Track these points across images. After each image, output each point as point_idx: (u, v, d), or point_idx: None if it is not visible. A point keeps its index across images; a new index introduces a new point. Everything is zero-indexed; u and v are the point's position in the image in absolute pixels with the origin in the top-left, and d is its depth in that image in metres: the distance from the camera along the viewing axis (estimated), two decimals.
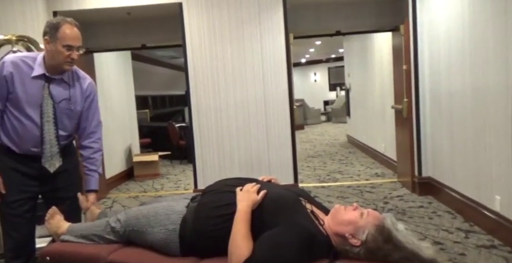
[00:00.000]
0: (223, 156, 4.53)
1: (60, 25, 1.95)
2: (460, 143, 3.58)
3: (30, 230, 2.15)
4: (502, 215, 2.95)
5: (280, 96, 4.46)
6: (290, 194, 1.66)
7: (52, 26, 1.96)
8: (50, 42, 1.96)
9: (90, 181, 2.18)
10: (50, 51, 1.97)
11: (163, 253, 1.66)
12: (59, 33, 1.94)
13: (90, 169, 2.18)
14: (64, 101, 2.05)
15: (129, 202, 4.85)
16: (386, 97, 5.67)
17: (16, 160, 2.06)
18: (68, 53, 1.96)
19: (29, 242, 2.15)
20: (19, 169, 2.06)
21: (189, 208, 1.70)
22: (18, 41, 3.07)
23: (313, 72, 18.28)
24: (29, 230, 2.14)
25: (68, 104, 2.06)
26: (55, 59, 1.98)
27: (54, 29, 1.95)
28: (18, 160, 2.06)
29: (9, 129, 2.02)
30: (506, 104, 2.81)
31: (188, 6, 4.39)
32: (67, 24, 1.96)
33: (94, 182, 2.19)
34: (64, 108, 2.06)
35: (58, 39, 1.94)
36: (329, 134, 11.26)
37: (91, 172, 2.19)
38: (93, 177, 2.19)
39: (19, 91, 1.97)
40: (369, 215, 1.53)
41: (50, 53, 1.98)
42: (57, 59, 1.97)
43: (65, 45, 1.95)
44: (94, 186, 2.18)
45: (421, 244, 1.47)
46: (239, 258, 1.39)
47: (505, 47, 2.79)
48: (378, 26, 4.90)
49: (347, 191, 4.69)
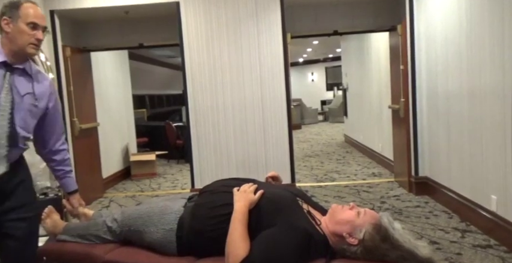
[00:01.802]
0: (220, 155, 4.53)
1: (21, 3, 1.73)
2: (457, 143, 3.60)
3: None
4: (498, 215, 2.97)
5: (278, 95, 4.46)
6: (287, 195, 1.66)
7: (11, 5, 1.73)
8: (11, 22, 1.71)
9: (70, 182, 2.03)
10: (9, 33, 1.71)
11: (160, 252, 1.66)
12: (20, 11, 1.71)
13: (67, 170, 2.01)
14: (28, 95, 1.76)
15: (126, 201, 4.84)
16: (384, 97, 5.68)
17: None
18: (33, 32, 1.72)
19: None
20: None
21: (186, 207, 1.69)
22: None
23: (310, 72, 18.31)
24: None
25: (33, 99, 1.77)
26: (17, 41, 1.71)
27: (15, 7, 1.72)
28: None
29: None
30: (502, 104, 2.82)
31: (185, 6, 4.39)
32: (28, 3, 1.75)
33: (73, 182, 2.05)
34: (28, 104, 1.75)
35: (20, 17, 1.70)
36: (326, 133, 11.27)
37: (69, 173, 2.02)
38: (71, 178, 2.04)
39: None
40: (366, 214, 1.54)
41: (10, 35, 1.71)
42: (19, 40, 1.71)
43: (29, 22, 1.71)
44: (75, 185, 2.05)
45: (418, 243, 1.47)
46: (236, 258, 1.39)
47: (501, 48, 2.80)
48: (375, 26, 4.91)
49: (344, 191, 4.70)
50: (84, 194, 4.99)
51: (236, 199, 1.57)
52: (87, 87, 5.01)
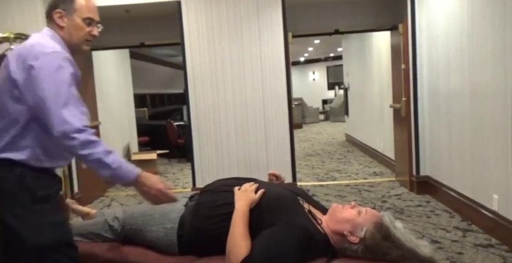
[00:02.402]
0: (221, 154, 4.53)
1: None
2: (458, 142, 3.59)
3: None
4: (499, 214, 2.96)
5: (279, 95, 4.46)
6: (288, 194, 1.66)
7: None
8: (65, 16, 1.57)
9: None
10: (64, 27, 1.58)
11: (161, 251, 1.66)
12: (76, 4, 1.57)
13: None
14: None
15: (128, 200, 4.85)
16: (385, 96, 5.68)
17: None
18: (89, 28, 1.60)
19: None
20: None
21: (187, 206, 1.70)
22: (16, 39, 3.06)
23: (311, 71, 18.29)
24: None
25: None
26: (72, 36, 1.59)
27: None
28: None
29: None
30: (504, 103, 2.81)
31: (187, 5, 4.39)
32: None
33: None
34: None
35: (76, 11, 1.57)
36: (327, 133, 11.26)
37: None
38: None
39: None
40: (367, 213, 1.54)
41: (65, 30, 1.58)
42: (75, 36, 1.59)
43: (85, 18, 1.58)
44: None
45: (419, 243, 1.47)
46: (237, 257, 1.39)
47: (503, 46, 2.80)
48: (376, 25, 4.91)
49: (345, 190, 4.70)
50: (86, 193, 5.01)
51: (237, 198, 1.57)
52: (89, 86, 5.02)
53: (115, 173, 1.45)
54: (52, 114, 1.41)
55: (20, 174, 1.44)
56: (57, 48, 1.49)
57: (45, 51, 1.45)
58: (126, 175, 1.48)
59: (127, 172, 1.48)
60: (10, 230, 1.43)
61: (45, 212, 1.45)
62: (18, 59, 1.46)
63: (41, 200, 1.46)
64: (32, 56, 1.44)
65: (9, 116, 1.46)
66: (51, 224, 1.46)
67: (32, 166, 1.46)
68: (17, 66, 1.45)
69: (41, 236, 1.42)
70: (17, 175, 1.44)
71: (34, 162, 1.47)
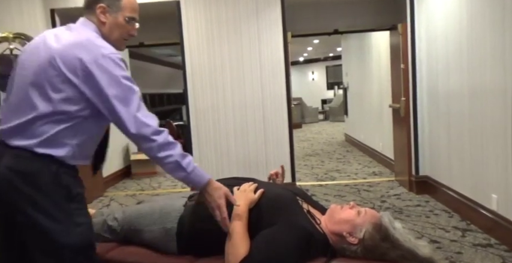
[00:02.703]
0: (220, 154, 4.53)
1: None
2: (457, 142, 3.59)
3: None
4: (498, 214, 2.97)
5: (278, 94, 4.46)
6: (287, 194, 1.66)
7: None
8: (108, 12, 1.50)
9: None
10: (105, 23, 1.51)
11: (160, 251, 1.66)
12: (121, 2, 1.51)
13: None
14: None
15: (127, 200, 4.85)
16: (384, 96, 5.68)
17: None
18: (129, 27, 1.55)
19: None
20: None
21: (186, 206, 1.70)
22: (15, 39, 3.06)
23: (311, 71, 18.30)
24: None
25: None
26: (113, 34, 1.53)
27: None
28: None
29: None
30: (503, 103, 2.82)
31: (186, 5, 4.39)
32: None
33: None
34: None
35: (121, 9, 1.51)
36: (327, 132, 11.26)
37: None
38: None
39: None
40: (366, 213, 1.54)
41: (106, 26, 1.52)
42: (115, 34, 1.53)
43: (130, 17, 1.54)
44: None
45: (418, 243, 1.48)
46: (236, 257, 1.39)
47: (502, 46, 2.80)
48: (375, 25, 4.91)
49: (344, 190, 4.70)
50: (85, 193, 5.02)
51: (236, 198, 1.57)
52: None
53: (189, 177, 1.48)
54: (127, 120, 1.40)
55: (56, 171, 1.40)
56: (112, 49, 1.44)
57: (104, 53, 1.40)
58: (198, 179, 1.50)
59: (199, 177, 1.50)
60: (35, 228, 1.37)
61: (76, 212, 1.43)
62: (68, 56, 1.38)
63: (73, 199, 1.44)
64: (89, 57, 1.37)
65: (56, 112, 1.40)
66: (80, 225, 1.43)
67: (67, 163, 1.43)
68: (70, 67, 1.38)
69: (70, 235, 1.39)
70: (54, 171, 1.40)
71: (69, 160, 1.44)
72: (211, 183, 1.52)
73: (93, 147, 1.56)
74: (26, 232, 1.39)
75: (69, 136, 1.42)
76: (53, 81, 1.39)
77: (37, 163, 1.39)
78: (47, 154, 1.39)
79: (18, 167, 1.37)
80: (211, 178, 1.53)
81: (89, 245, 1.46)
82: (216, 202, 1.50)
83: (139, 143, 1.44)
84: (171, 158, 1.45)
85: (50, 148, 1.40)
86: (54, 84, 1.39)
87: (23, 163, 1.38)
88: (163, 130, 1.45)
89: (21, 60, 1.49)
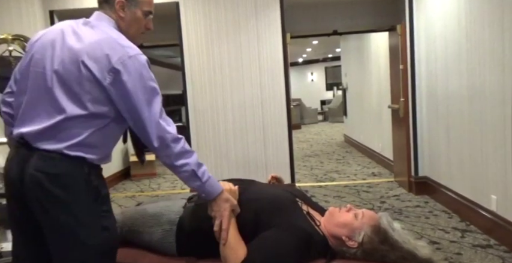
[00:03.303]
0: (220, 155, 4.53)
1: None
2: (457, 142, 3.60)
3: None
4: (498, 215, 2.97)
5: (277, 95, 4.46)
6: (287, 195, 1.66)
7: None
8: (127, 6, 1.48)
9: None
10: (124, 18, 1.49)
11: (159, 253, 1.65)
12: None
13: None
14: None
15: (126, 201, 4.84)
16: (383, 97, 5.68)
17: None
18: (146, 21, 1.56)
19: None
20: None
21: (186, 208, 1.69)
22: (14, 40, 3.05)
23: (310, 72, 18.31)
24: None
25: None
26: (131, 28, 1.51)
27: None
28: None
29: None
30: (502, 104, 2.82)
31: (185, 6, 4.39)
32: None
33: None
34: None
35: (140, 3, 1.50)
36: (326, 133, 11.27)
37: None
38: None
39: None
40: (364, 216, 1.53)
41: (125, 20, 1.49)
42: (133, 28, 1.52)
43: (148, 11, 1.54)
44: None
45: (418, 243, 1.47)
46: (236, 260, 1.39)
47: (501, 47, 2.80)
48: (374, 26, 4.91)
49: (344, 191, 4.70)
50: None
51: None
52: None
53: (203, 187, 1.48)
54: (150, 125, 1.37)
55: (88, 172, 1.38)
56: (138, 50, 1.41)
57: (130, 53, 1.36)
58: (211, 189, 1.49)
59: (213, 187, 1.50)
60: (62, 230, 1.35)
61: (103, 214, 1.41)
62: (95, 56, 1.34)
63: (102, 201, 1.43)
64: (116, 58, 1.34)
65: (86, 115, 1.36)
66: (106, 228, 1.41)
67: (95, 164, 1.42)
68: (99, 67, 1.34)
69: (96, 239, 1.37)
70: (86, 173, 1.38)
71: (97, 161, 1.42)
72: (222, 194, 1.51)
73: (114, 146, 1.53)
74: (52, 233, 1.38)
75: (99, 138, 1.40)
76: (82, 82, 1.35)
77: (68, 164, 1.36)
78: (79, 156, 1.37)
79: (48, 169, 1.34)
80: (224, 189, 1.52)
81: (113, 248, 1.45)
82: (221, 213, 1.50)
83: (158, 150, 1.41)
84: (188, 167, 1.44)
85: (81, 150, 1.37)
86: (83, 85, 1.35)
87: (54, 165, 1.35)
88: (182, 138, 1.44)
89: (32, 55, 1.43)
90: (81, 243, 1.35)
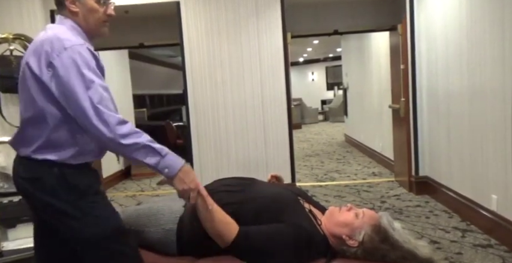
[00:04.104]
0: (220, 155, 4.53)
1: None
2: (457, 142, 3.59)
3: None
4: (498, 215, 2.96)
5: (278, 95, 4.46)
6: (289, 194, 1.66)
7: None
8: (77, 1, 1.46)
9: None
10: (77, 13, 1.47)
11: (160, 252, 1.65)
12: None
13: None
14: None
15: (126, 201, 4.84)
16: (384, 96, 5.68)
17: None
18: (103, 8, 1.51)
19: None
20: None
21: (186, 207, 1.69)
22: (15, 40, 3.05)
23: (310, 72, 18.29)
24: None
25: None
26: (89, 21, 1.48)
27: None
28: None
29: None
30: (503, 103, 2.82)
31: (186, 5, 4.38)
32: None
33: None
34: None
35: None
36: (326, 133, 11.26)
37: None
38: None
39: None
40: (365, 215, 1.54)
41: (80, 16, 1.47)
42: (91, 20, 1.49)
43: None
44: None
45: (418, 243, 1.47)
46: (230, 232, 1.43)
47: (502, 47, 2.80)
48: (375, 26, 4.91)
49: (344, 191, 4.70)
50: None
51: None
52: None
53: (164, 162, 1.37)
54: (88, 110, 1.31)
55: (59, 173, 1.39)
56: (77, 41, 1.38)
57: (66, 45, 1.34)
58: (173, 163, 1.39)
59: (174, 160, 1.39)
60: (61, 225, 1.41)
61: (90, 205, 1.41)
62: (35, 54, 1.37)
63: (86, 195, 1.42)
64: (53, 51, 1.34)
65: (42, 116, 1.38)
66: (98, 217, 1.41)
67: (69, 164, 1.41)
68: (38, 64, 1.36)
69: (90, 228, 1.39)
70: (56, 174, 1.38)
71: (73, 160, 1.41)
72: (185, 165, 1.42)
73: (88, 142, 1.45)
74: (57, 231, 1.43)
75: (60, 137, 1.39)
76: (29, 84, 1.39)
77: (39, 168, 1.40)
78: (45, 159, 1.39)
79: (27, 175, 1.41)
80: (185, 163, 1.42)
81: (114, 232, 1.44)
82: (195, 183, 1.43)
83: (102, 136, 1.33)
84: (141, 144, 1.35)
85: (46, 152, 1.39)
86: (30, 87, 1.38)
87: (28, 171, 1.41)
88: (128, 121, 1.37)
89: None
90: (80, 235, 1.40)
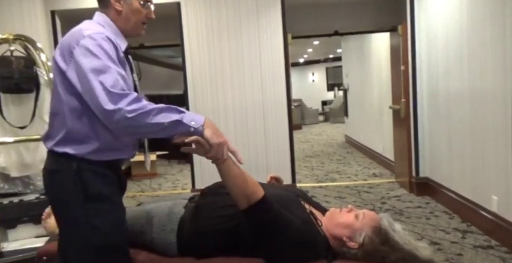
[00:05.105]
0: None
1: None
2: (458, 143, 3.59)
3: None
4: (499, 216, 2.96)
5: (278, 96, 4.46)
6: (290, 195, 1.65)
7: None
8: (122, 0, 1.46)
9: None
10: (121, 12, 1.47)
11: (160, 253, 1.65)
12: None
13: None
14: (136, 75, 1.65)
15: (127, 201, 4.83)
16: (384, 97, 5.68)
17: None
18: (146, 10, 1.53)
19: None
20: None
21: (186, 208, 1.69)
22: (16, 40, 3.04)
23: (311, 73, 18.30)
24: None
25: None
26: (130, 21, 1.49)
27: None
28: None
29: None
30: (503, 105, 2.82)
31: (186, 6, 4.39)
32: None
33: None
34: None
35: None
36: (327, 134, 11.26)
37: None
38: None
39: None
40: (365, 216, 1.53)
41: (123, 14, 1.48)
42: (133, 21, 1.50)
43: (144, 0, 1.51)
44: None
45: (418, 244, 1.47)
46: (258, 193, 1.42)
47: (503, 48, 2.80)
48: (376, 27, 4.91)
49: (345, 191, 4.69)
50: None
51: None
52: None
53: (187, 116, 1.28)
54: (100, 92, 1.25)
55: (77, 168, 1.36)
56: (98, 30, 1.37)
57: (84, 34, 1.34)
58: (196, 116, 1.31)
59: (196, 115, 1.32)
60: (61, 224, 1.43)
61: (94, 213, 1.36)
62: (60, 48, 1.38)
63: (92, 199, 1.37)
64: (73, 43, 1.34)
65: (63, 109, 1.36)
66: (97, 227, 1.37)
67: (90, 159, 1.37)
68: (62, 58, 1.36)
69: (87, 236, 1.36)
70: (74, 169, 1.36)
71: (93, 155, 1.37)
72: (207, 119, 1.33)
73: (108, 138, 1.40)
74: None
75: (81, 130, 1.37)
76: (56, 77, 1.40)
77: (59, 161, 1.41)
78: (64, 152, 1.38)
79: (49, 167, 1.44)
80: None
81: (108, 247, 1.40)
82: (223, 137, 1.36)
83: (119, 116, 1.25)
84: (158, 108, 1.27)
85: (67, 145, 1.37)
86: (57, 80, 1.39)
87: (50, 163, 1.44)
88: (131, 93, 1.29)
89: None
90: (69, 241, 1.42)
